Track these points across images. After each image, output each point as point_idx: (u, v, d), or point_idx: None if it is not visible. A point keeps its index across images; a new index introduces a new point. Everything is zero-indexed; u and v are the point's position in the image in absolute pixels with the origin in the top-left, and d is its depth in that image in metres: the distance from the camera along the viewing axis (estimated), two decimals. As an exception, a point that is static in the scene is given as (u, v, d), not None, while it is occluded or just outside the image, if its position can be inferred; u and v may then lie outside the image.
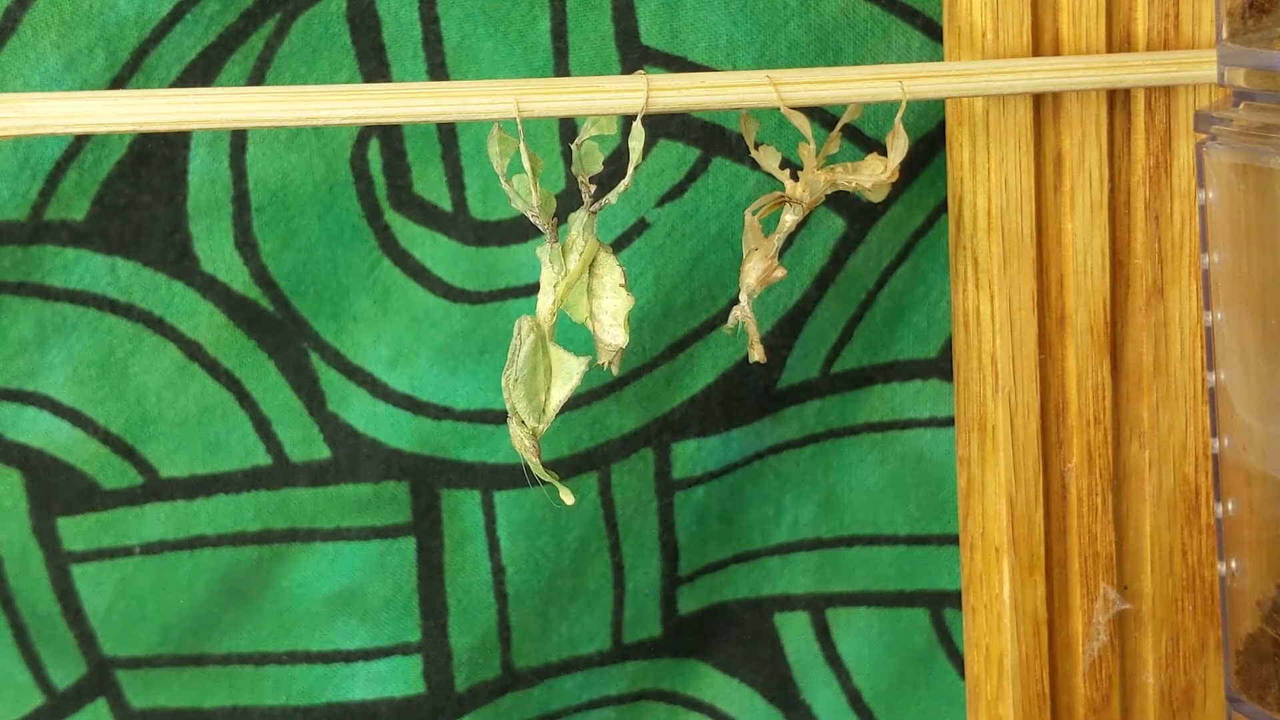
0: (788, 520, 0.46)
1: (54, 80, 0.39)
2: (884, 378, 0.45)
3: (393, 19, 0.40)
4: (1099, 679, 0.42)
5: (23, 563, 0.44)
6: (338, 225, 0.42)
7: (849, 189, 0.38)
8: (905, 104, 0.37)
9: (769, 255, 0.37)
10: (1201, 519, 0.42)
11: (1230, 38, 0.37)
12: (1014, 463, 0.41)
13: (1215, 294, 0.38)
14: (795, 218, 0.38)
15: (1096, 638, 0.42)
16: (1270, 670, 0.39)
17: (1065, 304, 0.41)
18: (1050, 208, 0.40)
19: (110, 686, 0.46)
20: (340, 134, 0.41)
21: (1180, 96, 0.40)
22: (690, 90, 0.36)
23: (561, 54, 0.41)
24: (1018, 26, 0.39)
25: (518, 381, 0.36)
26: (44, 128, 0.35)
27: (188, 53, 0.40)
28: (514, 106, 0.35)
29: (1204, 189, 0.38)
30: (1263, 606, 0.39)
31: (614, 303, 0.36)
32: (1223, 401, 0.39)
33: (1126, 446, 0.42)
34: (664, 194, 0.43)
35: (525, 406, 0.36)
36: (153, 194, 0.41)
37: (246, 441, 0.44)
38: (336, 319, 0.43)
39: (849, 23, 0.41)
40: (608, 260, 0.37)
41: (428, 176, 0.42)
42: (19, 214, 0.41)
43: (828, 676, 0.47)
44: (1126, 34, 0.39)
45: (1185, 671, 0.42)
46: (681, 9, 0.41)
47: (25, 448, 0.43)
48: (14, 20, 0.39)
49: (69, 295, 0.42)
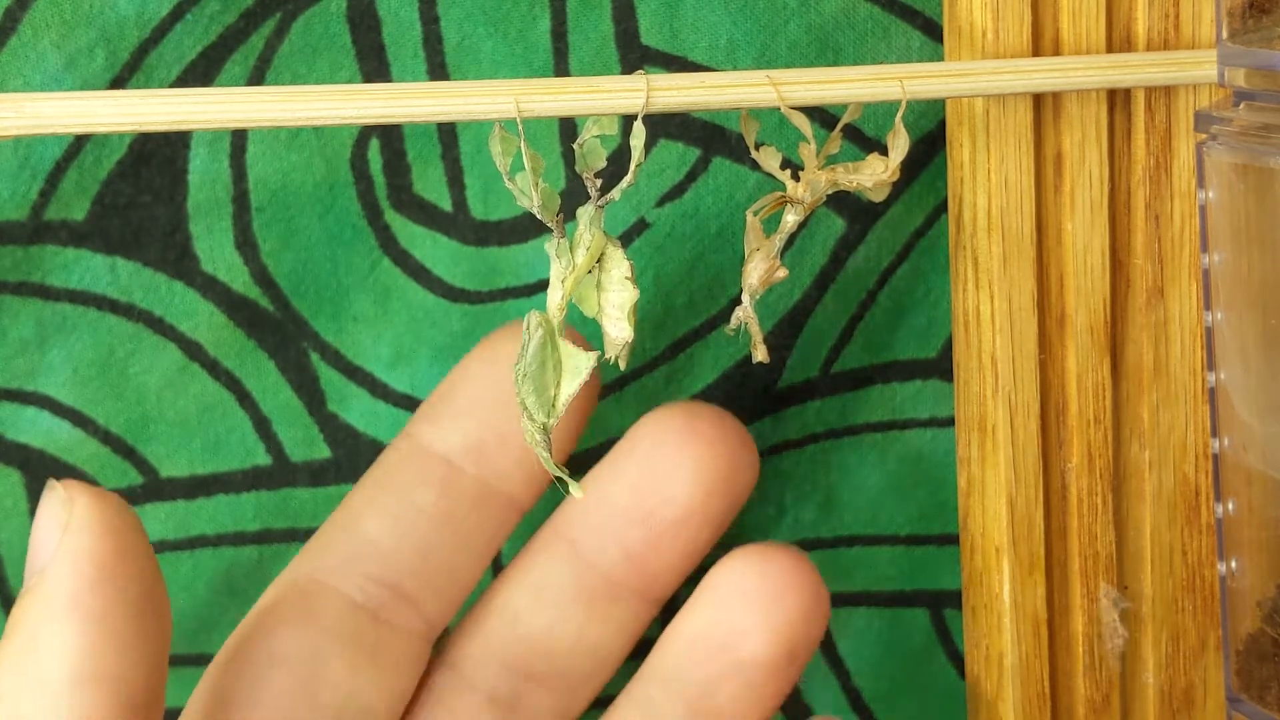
0: (788, 520, 0.46)
1: (54, 80, 0.39)
2: (884, 378, 0.45)
3: (393, 19, 0.40)
4: (1099, 679, 0.42)
5: (23, 563, 0.44)
6: (338, 225, 0.42)
7: (850, 189, 0.38)
8: (905, 104, 0.37)
9: (771, 255, 0.37)
10: (1201, 519, 0.42)
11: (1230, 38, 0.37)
12: (1014, 463, 0.41)
13: (1215, 294, 0.38)
14: (796, 218, 0.38)
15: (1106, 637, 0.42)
16: (1270, 670, 0.39)
17: (1065, 304, 0.41)
18: (1050, 208, 0.40)
19: (110, 686, 0.46)
20: (340, 134, 0.41)
21: (1180, 96, 0.40)
22: (690, 90, 0.36)
23: (561, 54, 0.41)
24: (1018, 26, 0.39)
25: (527, 377, 0.36)
26: (44, 128, 0.35)
27: (188, 53, 0.40)
28: (514, 106, 0.36)
29: (1204, 189, 0.38)
30: (1263, 606, 0.39)
31: (620, 296, 0.37)
32: (1223, 401, 0.39)
33: (1126, 446, 0.42)
34: (664, 194, 0.43)
35: (535, 402, 0.36)
36: (153, 194, 0.41)
37: (247, 441, 0.44)
38: (336, 319, 0.43)
39: (849, 23, 0.41)
40: (615, 254, 0.37)
41: (428, 176, 0.42)
42: (19, 214, 0.41)
43: (827, 676, 0.47)
44: (1126, 34, 0.39)
45: (1185, 671, 0.42)
46: (681, 9, 0.41)
47: (25, 448, 0.43)
48: (14, 20, 0.39)
49: (69, 295, 0.42)
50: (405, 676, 0.40)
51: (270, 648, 0.38)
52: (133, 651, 0.34)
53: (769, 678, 0.40)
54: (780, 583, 0.40)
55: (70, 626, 0.33)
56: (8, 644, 0.33)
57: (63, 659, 0.33)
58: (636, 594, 0.41)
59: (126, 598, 0.34)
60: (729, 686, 0.40)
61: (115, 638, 0.33)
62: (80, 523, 0.34)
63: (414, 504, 0.40)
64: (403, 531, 0.39)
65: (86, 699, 0.33)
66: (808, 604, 0.40)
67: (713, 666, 0.40)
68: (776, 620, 0.40)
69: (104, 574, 0.34)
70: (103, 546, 0.34)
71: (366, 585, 0.39)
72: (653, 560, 0.41)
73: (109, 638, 0.33)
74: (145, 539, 0.35)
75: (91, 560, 0.33)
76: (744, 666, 0.40)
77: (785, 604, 0.40)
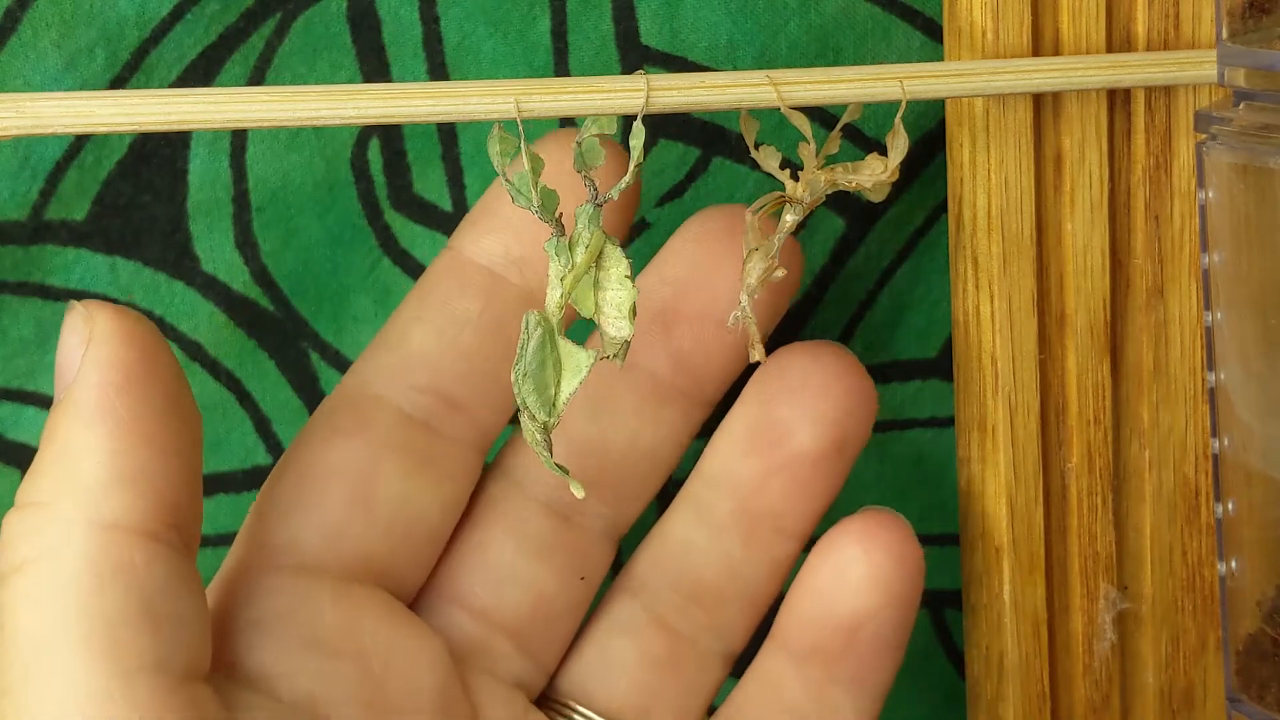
0: (788, 520, 0.46)
1: (54, 80, 0.39)
2: (884, 378, 0.45)
3: (393, 19, 0.40)
4: (1099, 679, 0.42)
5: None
6: (338, 225, 0.42)
7: (849, 189, 0.38)
8: (905, 104, 0.37)
9: (769, 255, 0.37)
10: (1201, 519, 0.42)
11: (1230, 38, 0.37)
12: (1014, 463, 0.41)
13: (1215, 294, 0.38)
14: (795, 217, 0.38)
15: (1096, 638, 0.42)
16: (1270, 670, 0.39)
17: (1065, 304, 0.41)
18: (1050, 208, 0.40)
19: (110, 686, 0.46)
20: (340, 134, 0.41)
21: (1180, 96, 0.40)
22: (690, 90, 0.36)
23: (561, 54, 0.41)
24: (1018, 26, 0.39)
25: (527, 376, 0.36)
26: (44, 128, 0.35)
27: (188, 53, 0.40)
28: (514, 106, 0.36)
29: (1204, 189, 0.38)
30: (1263, 606, 0.39)
31: (619, 294, 0.37)
32: (1223, 401, 0.39)
33: (1126, 446, 0.42)
34: (664, 194, 0.43)
35: (535, 400, 0.36)
36: (153, 194, 0.41)
37: (247, 441, 0.44)
38: (336, 319, 0.43)
39: (849, 23, 0.41)
40: (614, 253, 0.37)
41: (428, 176, 0.42)
42: (19, 214, 0.41)
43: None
44: (1126, 34, 0.39)
45: (1185, 671, 0.42)
46: (681, 9, 0.41)
47: (25, 447, 0.43)
48: (14, 20, 0.39)
49: (69, 295, 0.42)
50: (458, 484, 0.40)
51: (324, 458, 0.39)
52: (164, 453, 0.34)
53: (818, 471, 0.40)
54: (825, 375, 0.40)
55: (101, 431, 0.34)
56: (43, 454, 0.34)
57: (97, 463, 0.33)
58: (686, 396, 0.41)
59: (154, 401, 0.34)
60: (778, 482, 0.40)
61: (146, 439, 0.34)
62: (103, 334, 0.34)
63: (459, 314, 0.39)
64: (449, 341, 0.39)
65: (123, 499, 0.33)
66: (853, 395, 0.40)
67: (761, 462, 0.40)
68: (823, 412, 0.40)
69: (130, 379, 0.34)
70: (127, 354, 0.34)
71: (415, 395, 0.39)
72: (701, 361, 0.40)
73: (140, 439, 0.34)
74: (168, 349, 0.35)
75: (116, 367, 0.34)
76: (792, 461, 0.40)
77: (831, 395, 0.40)
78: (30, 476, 0.34)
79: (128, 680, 0.32)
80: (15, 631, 0.33)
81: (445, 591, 0.40)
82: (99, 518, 0.33)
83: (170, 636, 0.33)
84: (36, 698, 0.32)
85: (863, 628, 0.40)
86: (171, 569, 0.34)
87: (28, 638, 0.33)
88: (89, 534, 0.33)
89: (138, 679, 0.33)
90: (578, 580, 0.41)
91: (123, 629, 0.33)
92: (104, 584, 0.33)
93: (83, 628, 0.32)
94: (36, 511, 0.33)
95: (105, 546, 0.33)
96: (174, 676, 0.33)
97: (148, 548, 0.33)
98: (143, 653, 0.33)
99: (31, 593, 0.33)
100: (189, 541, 0.35)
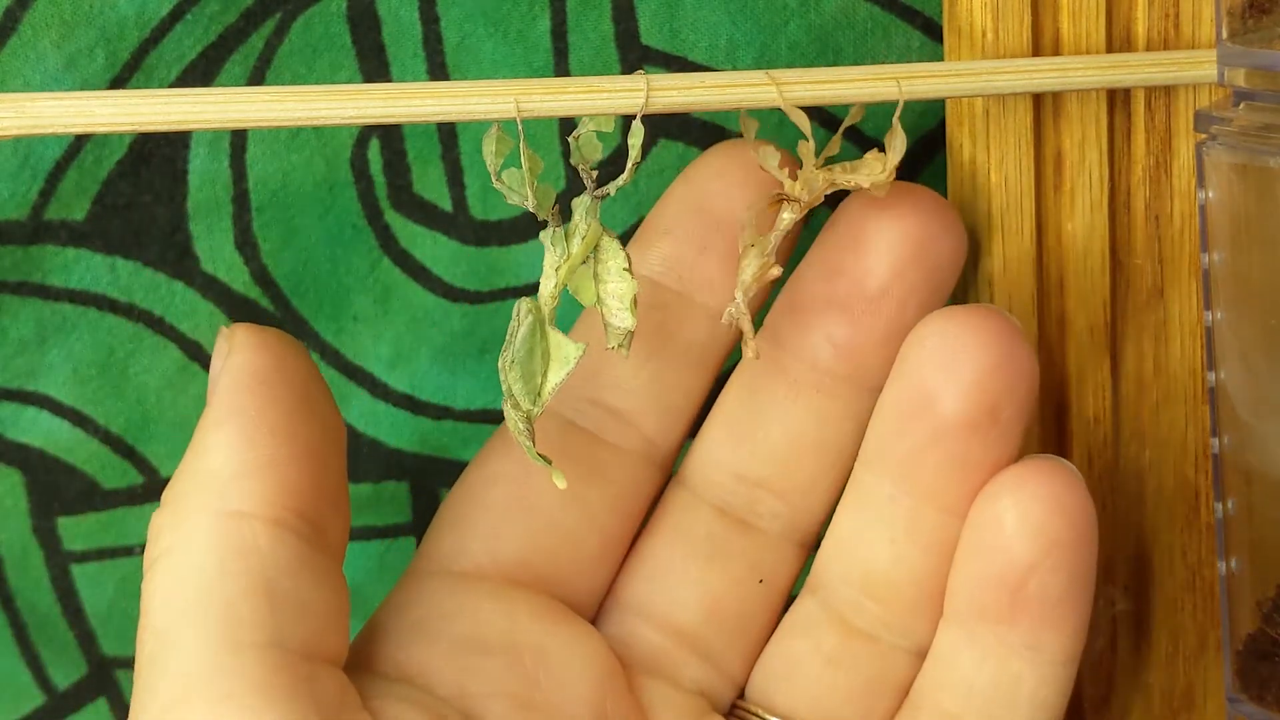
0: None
1: (54, 80, 0.39)
2: (884, 378, 0.45)
3: (393, 19, 0.40)
4: (1099, 679, 0.42)
5: (23, 562, 0.44)
6: (338, 225, 0.42)
7: (848, 188, 0.38)
8: (903, 104, 0.37)
9: (765, 253, 0.37)
10: (1201, 519, 0.42)
11: (1230, 38, 0.37)
12: (1014, 463, 0.41)
13: (1215, 294, 0.38)
14: (793, 216, 0.38)
15: (1096, 638, 0.42)
16: (1270, 670, 0.39)
17: (1065, 304, 0.41)
18: (1050, 208, 0.40)
19: (110, 686, 0.46)
20: (340, 134, 0.41)
21: (1180, 96, 0.40)
22: (690, 90, 0.36)
23: (561, 54, 0.41)
24: (1018, 26, 0.39)
25: (514, 363, 0.36)
26: (44, 128, 0.35)
27: (188, 53, 0.40)
28: (514, 106, 0.36)
29: (1204, 189, 0.38)
30: (1263, 606, 0.39)
31: (620, 287, 0.37)
32: (1223, 401, 0.39)
33: (1126, 447, 0.42)
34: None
35: (521, 389, 0.36)
36: (153, 194, 0.41)
37: (247, 441, 0.44)
38: (336, 319, 0.43)
39: (849, 23, 0.41)
40: (611, 245, 0.37)
41: (428, 176, 0.42)
42: (19, 214, 0.41)
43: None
44: (1126, 34, 0.39)
45: (1185, 671, 0.42)
46: (681, 9, 0.41)
47: (25, 447, 0.43)
48: (14, 20, 0.39)
49: (69, 295, 0.42)
50: (626, 493, 0.40)
51: (486, 470, 0.40)
52: (293, 446, 0.35)
53: (971, 442, 0.38)
54: (965, 336, 0.37)
55: (230, 428, 0.35)
56: (185, 457, 0.36)
57: (225, 457, 0.35)
58: (848, 382, 0.39)
59: (283, 401, 0.36)
60: (932, 457, 0.38)
61: (272, 433, 0.35)
62: (239, 345, 0.36)
63: None
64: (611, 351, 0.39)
65: (248, 488, 0.35)
66: (999, 354, 0.37)
67: (912, 438, 0.38)
68: (964, 373, 0.37)
69: (259, 381, 0.36)
70: (259, 360, 0.36)
71: (581, 405, 0.40)
72: (860, 344, 0.39)
73: (266, 433, 0.35)
74: (305, 356, 0.37)
75: (248, 371, 0.36)
76: (943, 432, 0.38)
77: (972, 356, 0.37)
78: (174, 477, 0.36)
79: (238, 653, 0.34)
80: (151, 619, 0.34)
81: (624, 601, 0.40)
82: (225, 506, 0.35)
83: (290, 617, 0.35)
84: (160, 675, 0.34)
85: (1025, 584, 0.37)
86: (297, 555, 0.35)
87: (160, 623, 0.34)
88: (215, 522, 0.35)
89: (249, 653, 0.34)
90: (756, 584, 0.40)
91: (241, 607, 0.34)
92: (226, 566, 0.34)
93: (203, 607, 0.34)
94: (174, 507, 0.35)
95: (229, 532, 0.35)
96: (290, 654, 0.34)
97: (272, 533, 0.35)
98: (257, 628, 0.34)
99: (165, 581, 0.34)
100: (322, 533, 0.36)
